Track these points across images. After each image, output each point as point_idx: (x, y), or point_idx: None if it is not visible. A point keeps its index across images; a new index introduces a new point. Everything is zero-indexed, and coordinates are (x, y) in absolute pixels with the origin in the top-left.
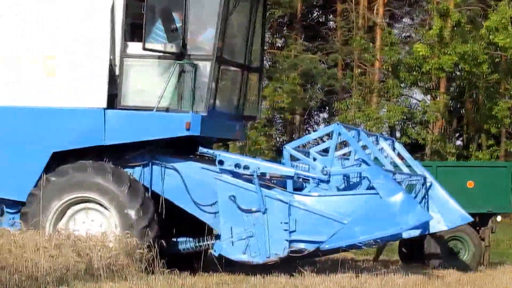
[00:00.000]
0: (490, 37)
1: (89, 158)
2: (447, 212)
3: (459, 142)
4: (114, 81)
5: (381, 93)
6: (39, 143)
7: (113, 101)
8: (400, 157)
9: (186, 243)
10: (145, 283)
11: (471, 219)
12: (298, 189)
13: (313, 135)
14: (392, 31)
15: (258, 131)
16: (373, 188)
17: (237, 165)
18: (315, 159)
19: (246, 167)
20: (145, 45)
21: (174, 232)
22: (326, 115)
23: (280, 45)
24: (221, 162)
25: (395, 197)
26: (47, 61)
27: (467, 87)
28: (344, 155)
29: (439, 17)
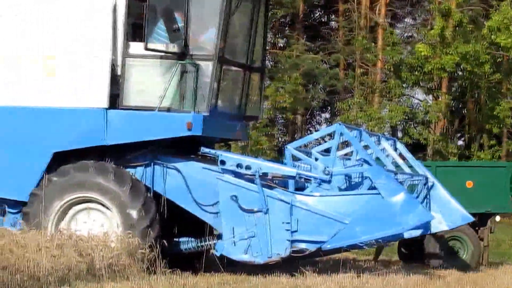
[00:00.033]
0: (492, 37)
1: (91, 158)
2: (448, 212)
3: (461, 142)
4: (115, 81)
5: (383, 93)
6: (41, 143)
7: (114, 101)
8: (401, 157)
9: (187, 243)
10: (147, 283)
11: (473, 219)
12: (299, 189)
13: (315, 135)
14: (394, 31)
15: (259, 131)
16: (375, 188)
17: (239, 165)
18: (316, 159)
19: (248, 167)
20: (147, 45)
21: (175, 232)
22: (328, 115)
23: (282, 45)
24: (223, 162)
25: (397, 197)
26: (48, 61)
27: (469, 87)
28: (345, 155)
29: (441, 17)
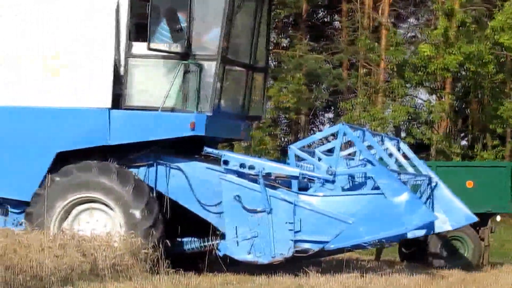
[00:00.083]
0: (495, 37)
1: (94, 158)
2: (452, 212)
3: (464, 142)
4: (119, 81)
5: (386, 93)
6: (44, 143)
7: (118, 101)
8: (405, 157)
9: (191, 243)
10: (150, 283)
11: (476, 219)
12: (303, 189)
13: (318, 135)
14: (397, 31)
15: (263, 131)
16: (378, 188)
17: (242, 165)
18: (320, 159)
19: (251, 167)
20: (150, 45)
21: (179, 232)
22: (331, 115)
23: (285, 45)
24: (226, 162)
25: (400, 197)
26: (52, 61)
27: (473, 87)
28: (349, 155)
29: (444, 17)
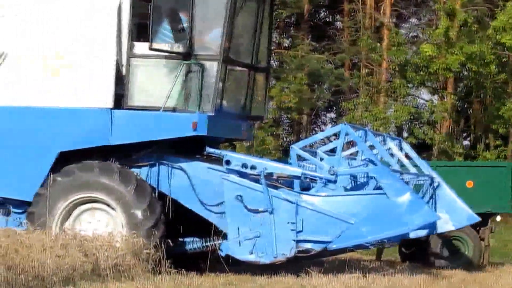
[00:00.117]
0: (497, 37)
1: (96, 158)
2: (454, 212)
3: (466, 142)
4: (121, 81)
5: (388, 93)
6: (46, 143)
7: (119, 101)
8: (407, 157)
9: (192, 243)
10: (152, 283)
11: (478, 219)
12: (305, 189)
13: (320, 135)
14: (399, 31)
15: (265, 131)
16: (380, 188)
17: (244, 165)
18: (322, 159)
19: (253, 167)
20: (152, 45)
21: (180, 232)
22: (333, 115)
23: (287, 45)
24: (228, 162)
25: (402, 197)
26: (54, 61)
27: (475, 87)
28: (351, 155)
29: (445, 16)
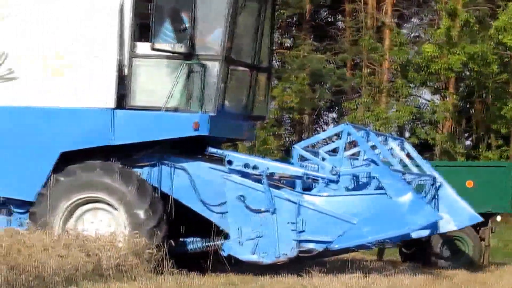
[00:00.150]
0: (499, 37)
1: (98, 158)
2: (456, 212)
3: (468, 142)
4: (122, 81)
5: (390, 93)
6: (48, 143)
7: (121, 101)
8: (409, 157)
9: (194, 243)
10: (154, 283)
11: (481, 219)
12: (307, 189)
13: (322, 135)
14: (400, 31)
15: (267, 131)
16: (382, 188)
17: (246, 165)
18: (324, 159)
19: (255, 167)
20: (153, 45)
21: (182, 232)
22: (335, 115)
23: (288, 45)
24: (230, 162)
25: (404, 197)
26: (56, 61)
27: (476, 87)
28: (353, 155)
29: (447, 16)
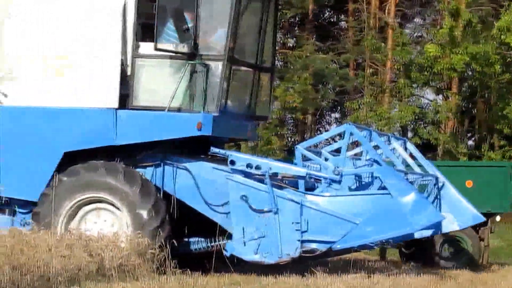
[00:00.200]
0: (501, 37)
1: (101, 158)
2: (459, 212)
3: (471, 142)
4: (125, 81)
5: (392, 93)
6: (51, 143)
7: (124, 101)
8: (412, 157)
9: (197, 243)
10: (157, 283)
11: (484, 219)
12: (310, 189)
13: (325, 135)
14: (403, 31)
15: (270, 131)
16: (385, 188)
17: (248, 165)
18: (326, 159)
19: (257, 167)
20: (156, 45)
21: (185, 232)
22: (337, 115)
23: (291, 45)
24: (233, 162)
25: (407, 197)
26: (59, 61)
27: (479, 87)
28: (356, 155)
29: (449, 16)
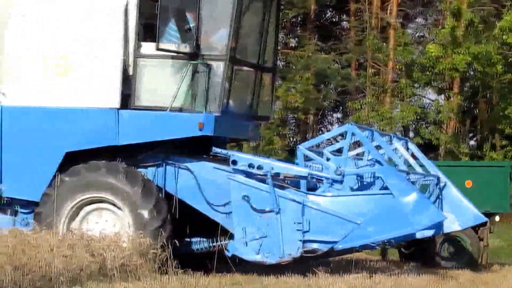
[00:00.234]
0: (503, 37)
1: (102, 158)
2: (460, 212)
3: (473, 142)
4: (127, 81)
5: (394, 93)
6: (53, 143)
7: (126, 101)
8: (413, 157)
9: (199, 243)
10: (159, 283)
11: (485, 219)
12: (311, 189)
13: (327, 135)
14: (405, 31)
15: (271, 131)
16: (387, 188)
17: (250, 165)
18: (328, 159)
19: (259, 167)
20: (158, 45)
21: (187, 232)
22: (339, 115)
23: (293, 45)
24: (235, 162)
25: (409, 197)
26: (61, 61)
27: (481, 87)
28: (357, 155)
29: (451, 16)
